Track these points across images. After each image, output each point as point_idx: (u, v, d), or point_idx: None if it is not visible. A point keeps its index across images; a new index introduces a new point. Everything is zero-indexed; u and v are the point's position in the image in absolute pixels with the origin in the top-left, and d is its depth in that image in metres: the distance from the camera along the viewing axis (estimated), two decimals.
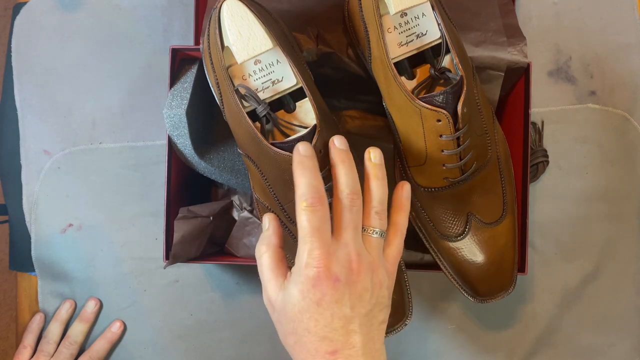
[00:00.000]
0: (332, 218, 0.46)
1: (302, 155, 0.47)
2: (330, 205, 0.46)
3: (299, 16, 0.63)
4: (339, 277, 0.44)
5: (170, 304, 0.74)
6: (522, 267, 0.62)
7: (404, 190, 0.51)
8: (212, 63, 0.54)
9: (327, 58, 0.62)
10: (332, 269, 0.44)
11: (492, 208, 0.59)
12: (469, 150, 0.54)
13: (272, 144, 0.51)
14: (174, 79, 0.62)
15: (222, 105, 0.56)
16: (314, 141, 0.50)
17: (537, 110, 0.74)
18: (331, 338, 0.45)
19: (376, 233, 0.47)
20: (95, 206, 0.74)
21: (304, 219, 0.45)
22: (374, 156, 0.49)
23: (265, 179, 0.56)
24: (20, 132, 0.75)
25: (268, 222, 0.49)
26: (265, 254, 0.48)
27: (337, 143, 0.49)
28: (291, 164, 0.51)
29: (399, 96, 0.53)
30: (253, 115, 0.54)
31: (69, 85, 0.75)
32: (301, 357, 0.46)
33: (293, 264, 0.60)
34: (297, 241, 0.59)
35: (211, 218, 0.65)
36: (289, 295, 0.46)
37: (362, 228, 0.47)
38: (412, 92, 0.57)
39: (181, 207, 0.63)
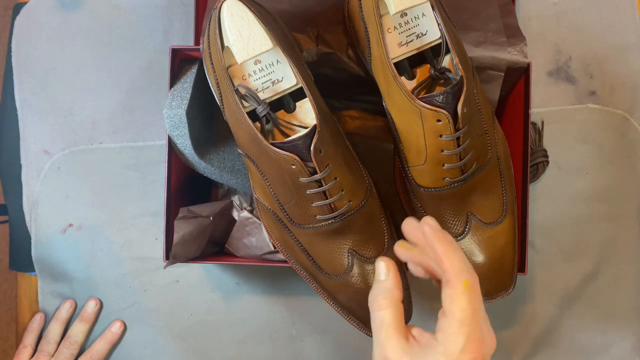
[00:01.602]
0: None
1: (440, 230, 0.44)
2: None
3: (299, 16, 0.63)
4: (486, 358, 0.42)
5: (170, 304, 0.74)
6: (522, 267, 0.62)
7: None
8: (212, 63, 0.54)
9: (327, 58, 0.62)
10: (483, 352, 0.42)
11: (492, 208, 0.59)
12: (469, 150, 0.54)
13: (272, 144, 0.51)
14: (174, 79, 0.62)
15: (222, 105, 0.56)
16: (314, 141, 0.50)
17: (537, 110, 0.74)
18: None
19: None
20: (95, 206, 0.74)
21: (465, 301, 0.41)
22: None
23: (265, 179, 0.56)
24: (20, 132, 0.75)
25: (386, 269, 0.46)
26: (387, 310, 0.44)
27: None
28: (291, 165, 0.51)
29: (399, 96, 0.53)
30: (253, 115, 0.54)
31: (69, 85, 0.75)
32: None
33: (299, 264, 0.60)
34: (299, 243, 0.59)
35: (211, 218, 0.65)
36: None
37: None
38: (412, 92, 0.57)
39: (181, 207, 0.63)
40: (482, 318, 0.43)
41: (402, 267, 0.58)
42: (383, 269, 0.46)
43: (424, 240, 0.45)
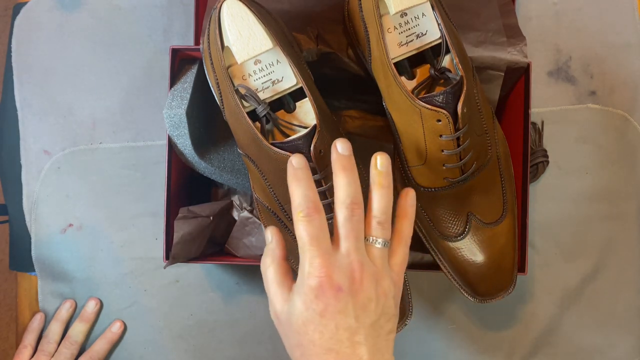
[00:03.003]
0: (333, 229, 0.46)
1: (296, 168, 0.46)
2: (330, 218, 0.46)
3: (299, 16, 0.63)
4: (342, 287, 0.44)
5: (170, 304, 0.74)
6: (522, 267, 0.62)
7: (409, 197, 0.50)
8: (212, 63, 0.54)
9: (327, 58, 0.62)
10: (334, 278, 0.44)
11: (492, 208, 0.59)
12: (469, 150, 0.54)
13: (272, 144, 0.51)
14: (174, 79, 0.62)
15: (222, 105, 0.56)
16: (314, 141, 0.50)
17: (537, 110, 0.74)
18: (337, 350, 0.44)
19: (379, 243, 0.46)
20: (95, 206, 0.74)
21: (301, 229, 0.44)
22: (380, 163, 0.47)
23: (265, 179, 0.56)
24: (20, 132, 0.75)
25: (271, 235, 0.49)
26: (270, 267, 0.48)
27: (340, 148, 0.46)
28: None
29: (399, 96, 0.53)
30: (253, 115, 0.54)
31: (69, 85, 0.75)
32: None
33: (296, 268, 0.60)
34: (296, 240, 0.59)
35: (211, 218, 0.65)
36: (293, 307, 0.45)
37: (365, 238, 0.46)
38: (412, 92, 0.57)
39: (181, 207, 0.63)
40: (342, 252, 0.45)
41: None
42: (268, 233, 0.49)
43: None
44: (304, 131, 0.51)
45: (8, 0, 1.35)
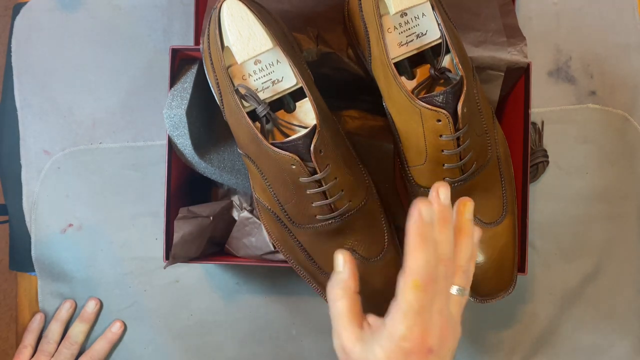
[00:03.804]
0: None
1: (425, 224, 0.42)
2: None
3: (299, 16, 0.63)
4: (432, 349, 0.43)
5: (170, 304, 0.74)
6: (522, 267, 0.62)
7: (476, 235, 0.49)
8: (212, 63, 0.54)
9: (327, 58, 0.62)
10: (427, 341, 0.43)
11: (492, 208, 0.59)
12: (469, 150, 0.54)
13: (272, 144, 0.51)
14: (174, 79, 0.62)
15: (222, 105, 0.56)
16: (314, 141, 0.50)
17: (537, 110, 0.74)
18: None
19: (459, 291, 0.46)
20: (95, 206, 0.74)
21: (413, 298, 0.42)
22: (467, 211, 0.46)
23: (265, 179, 0.56)
24: (20, 132, 0.75)
25: (343, 262, 0.47)
26: (342, 300, 0.46)
27: (443, 196, 0.45)
28: (291, 165, 0.51)
29: (399, 96, 0.53)
30: (253, 115, 0.54)
31: (69, 85, 0.75)
32: None
33: (299, 264, 0.60)
34: (299, 243, 0.59)
35: (211, 218, 0.65)
36: (372, 353, 0.44)
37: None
38: (412, 92, 0.57)
39: (181, 207, 0.63)
40: (435, 311, 0.43)
41: None
42: (340, 261, 0.47)
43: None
44: (304, 131, 0.51)
45: (8, 0, 1.35)
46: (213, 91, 0.57)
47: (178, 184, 0.65)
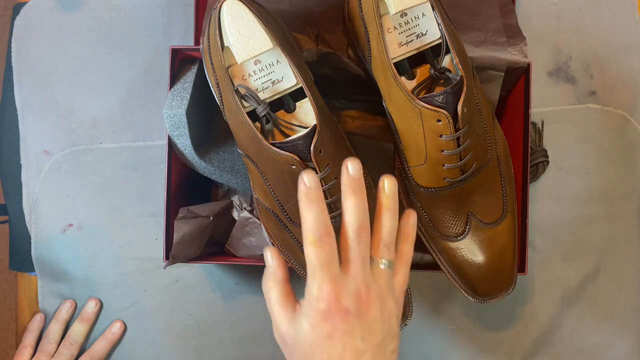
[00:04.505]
0: (339, 250, 0.46)
1: (308, 187, 0.44)
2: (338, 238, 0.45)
3: (299, 16, 0.63)
4: (350, 310, 0.44)
5: (170, 304, 0.74)
6: (522, 267, 0.62)
7: (410, 219, 0.50)
8: (212, 63, 0.54)
9: (327, 58, 0.62)
10: (342, 301, 0.44)
11: (492, 208, 0.59)
12: (469, 151, 0.54)
13: (272, 144, 0.51)
14: (174, 79, 0.62)
15: (222, 105, 0.56)
16: (314, 141, 0.50)
17: (537, 110, 0.74)
18: None
19: (384, 264, 0.47)
20: (95, 206, 0.74)
21: (312, 254, 0.44)
22: (388, 187, 0.47)
23: (265, 179, 0.56)
24: (20, 132, 0.75)
25: (271, 256, 0.48)
26: (273, 290, 0.47)
27: (351, 169, 0.45)
28: (291, 165, 0.51)
29: (399, 96, 0.53)
30: (253, 115, 0.54)
31: (69, 85, 0.75)
32: None
33: (299, 264, 0.60)
34: (299, 243, 0.59)
35: (211, 218, 0.65)
36: (300, 329, 0.45)
37: (371, 259, 0.46)
38: (412, 92, 0.57)
39: (181, 207, 0.63)
40: (350, 275, 0.44)
41: None
42: (268, 255, 0.48)
43: None
44: (304, 131, 0.51)
45: (8, 0, 1.35)
46: (213, 91, 0.57)
47: (178, 184, 0.65)
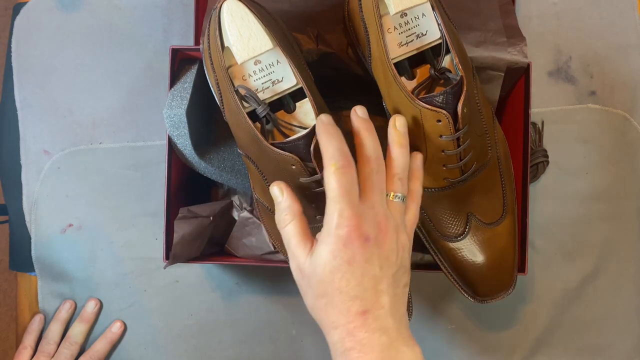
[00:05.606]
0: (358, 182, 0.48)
1: (326, 124, 0.48)
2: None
3: (299, 16, 0.63)
4: (369, 237, 0.45)
5: (170, 304, 0.74)
6: (522, 267, 0.62)
7: (417, 159, 0.53)
8: (212, 63, 0.54)
9: (327, 58, 0.62)
10: (362, 228, 0.45)
11: (492, 208, 0.59)
12: (469, 151, 0.54)
13: (272, 144, 0.51)
14: (174, 79, 0.62)
15: (222, 105, 0.56)
16: (313, 141, 0.50)
17: (537, 110, 0.74)
18: (362, 297, 0.45)
19: (398, 198, 0.49)
20: (95, 206, 0.74)
21: (334, 181, 0.45)
22: (399, 124, 0.50)
23: (265, 179, 0.56)
24: (20, 132, 0.75)
25: (279, 190, 0.49)
26: (291, 223, 0.48)
27: (360, 112, 0.50)
28: (291, 165, 0.51)
29: (399, 96, 0.53)
30: (253, 115, 0.54)
31: (69, 85, 0.75)
32: (332, 319, 0.46)
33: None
34: None
35: (211, 218, 0.65)
36: (319, 257, 0.46)
37: (386, 193, 0.48)
38: (412, 92, 0.57)
39: (181, 207, 0.63)
40: (367, 204, 0.46)
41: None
42: (277, 191, 0.49)
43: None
44: (304, 131, 0.51)
45: (8, 0, 1.35)
46: (213, 91, 0.56)
47: (178, 184, 0.65)
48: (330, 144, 0.46)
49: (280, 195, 0.49)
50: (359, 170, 0.47)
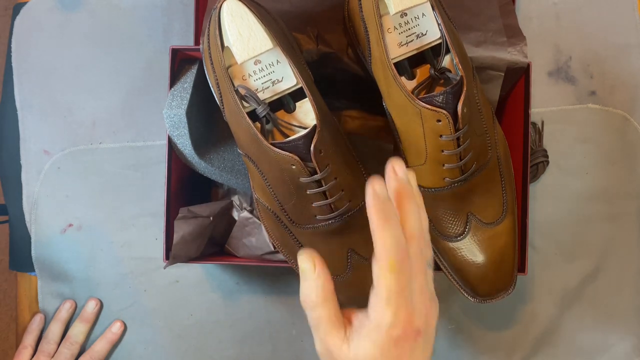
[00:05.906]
0: None
1: (382, 201, 0.39)
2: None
3: (299, 16, 0.63)
4: (420, 330, 0.42)
5: (170, 304, 0.74)
6: (522, 267, 0.62)
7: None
8: (212, 63, 0.54)
9: (327, 58, 0.62)
10: (414, 323, 0.42)
11: (492, 208, 0.59)
12: (469, 151, 0.54)
13: (272, 144, 0.51)
14: (174, 79, 0.62)
15: (222, 105, 0.56)
16: (313, 141, 0.50)
17: (537, 110, 0.74)
18: None
19: (430, 267, 0.44)
20: (95, 206, 0.74)
21: (392, 280, 0.40)
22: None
23: (265, 179, 0.56)
24: (20, 132, 0.75)
25: (310, 263, 0.42)
26: (322, 307, 0.42)
27: (400, 172, 0.42)
28: (291, 165, 0.51)
29: (399, 96, 0.53)
30: (253, 115, 0.54)
31: (69, 85, 0.75)
32: None
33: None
34: (298, 243, 0.59)
35: (211, 218, 0.65)
36: (362, 349, 0.42)
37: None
38: (412, 92, 0.57)
39: (181, 207, 0.63)
40: (416, 291, 0.42)
41: None
42: (307, 264, 0.42)
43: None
44: (304, 131, 0.51)
45: (8, 0, 1.35)
46: (213, 91, 0.57)
47: (178, 184, 0.65)
48: (386, 232, 0.39)
49: (312, 270, 0.42)
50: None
